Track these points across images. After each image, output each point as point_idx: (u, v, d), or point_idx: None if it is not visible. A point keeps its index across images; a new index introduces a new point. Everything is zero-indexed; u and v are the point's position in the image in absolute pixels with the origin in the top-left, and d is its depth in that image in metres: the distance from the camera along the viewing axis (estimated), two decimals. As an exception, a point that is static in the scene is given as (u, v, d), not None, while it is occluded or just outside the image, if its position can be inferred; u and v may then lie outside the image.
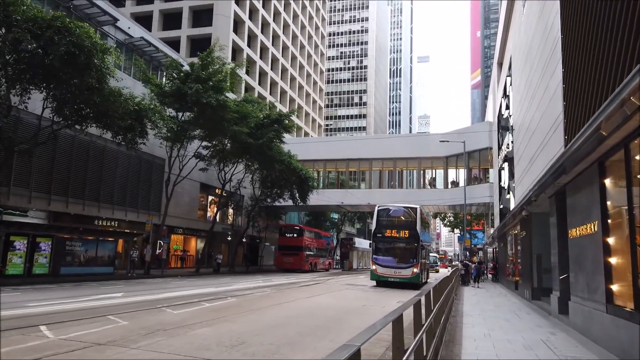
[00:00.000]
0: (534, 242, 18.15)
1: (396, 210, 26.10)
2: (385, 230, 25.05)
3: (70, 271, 23.07)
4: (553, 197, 13.24)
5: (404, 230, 24.84)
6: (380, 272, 24.67)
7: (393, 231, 24.92)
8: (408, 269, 24.10)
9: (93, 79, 18.59)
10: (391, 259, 24.67)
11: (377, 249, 25.25)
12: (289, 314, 12.17)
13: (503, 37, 27.29)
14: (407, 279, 24.05)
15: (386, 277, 24.47)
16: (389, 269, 24.35)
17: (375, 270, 24.90)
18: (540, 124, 13.99)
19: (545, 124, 13.24)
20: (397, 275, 24.19)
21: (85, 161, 27.11)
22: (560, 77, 10.84)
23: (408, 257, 24.43)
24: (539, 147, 14.35)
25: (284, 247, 42.25)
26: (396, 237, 24.90)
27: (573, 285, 11.13)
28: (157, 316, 10.64)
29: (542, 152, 13.96)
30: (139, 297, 14.48)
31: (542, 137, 13.70)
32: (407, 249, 24.67)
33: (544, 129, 13.28)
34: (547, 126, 12.73)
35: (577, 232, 10.50)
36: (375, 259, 25.07)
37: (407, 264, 24.19)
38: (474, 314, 13.48)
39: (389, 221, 25.49)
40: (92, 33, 18.40)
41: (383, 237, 25.08)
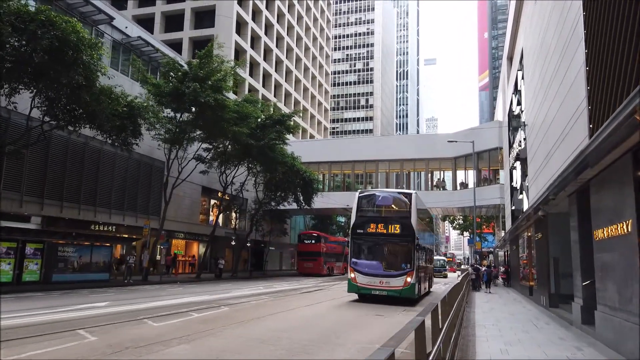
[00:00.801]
0: (551, 245, 16.90)
1: (384, 197, 19.47)
2: (368, 224, 18.51)
3: (62, 278, 22.14)
4: (574, 195, 12.03)
5: (395, 224, 18.26)
6: (362, 283, 17.95)
7: (379, 226, 18.28)
8: (399, 277, 17.48)
9: (81, 76, 17.66)
10: (376, 264, 18.07)
11: (356, 250, 18.69)
12: (282, 326, 11.05)
13: (513, 30, 26.07)
14: (397, 292, 17.36)
15: (369, 288, 17.80)
16: (373, 278, 17.73)
17: (354, 279, 18.13)
18: (558, 116, 12.79)
19: (564, 114, 12.04)
20: (385, 287, 17.48)
21: (81, 164, 26.20)
22: (582, 59, 9.67)
23: (399, 262, 18.05)
24: (557, 141, 13.14)
25: (303, 253, 43.64)
26: (383, 233, 18.21)
27: (600, 293, 9.92)
28: (134, 330, 9.57)
29: (561, 147, 12.75)
30: (124, 307, 13.44)
31: (560, 129, 12.50)
32: (398, 251, 18.52)
33: (563, 121, 12.09)
34: (567, 117, 11.53)
35: (605, 233, 9.30)
36: (354, 264, 18.37)
37: (398, 271, 17.67)
38: (488, 324, 12.27)
39: (374, 212, 19.16)
40: (79, 27, 17.50)
41: (365, 234, 18.47)
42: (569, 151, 11.52)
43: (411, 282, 17.34)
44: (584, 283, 11.47)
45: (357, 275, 18.08)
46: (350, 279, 18.33)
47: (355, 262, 18.40)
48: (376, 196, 19.65)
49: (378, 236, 18.40)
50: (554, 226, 16.56)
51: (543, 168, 16.28)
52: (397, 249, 18.58)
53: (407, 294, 17.33)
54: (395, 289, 17.39)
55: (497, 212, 44.10)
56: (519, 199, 24.76)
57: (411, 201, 18.57)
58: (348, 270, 18.69)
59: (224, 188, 34.47)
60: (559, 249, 16.32)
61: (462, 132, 43.08)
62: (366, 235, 18.51)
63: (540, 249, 18.63)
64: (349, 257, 18.85)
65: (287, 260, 58.48)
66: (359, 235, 18.61)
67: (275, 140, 32.76)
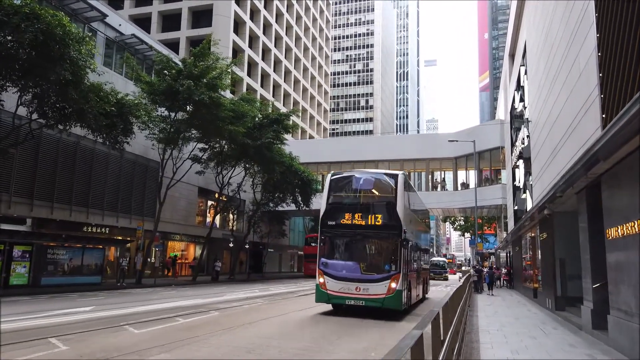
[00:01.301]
0: (557, 245, 16.19)
1: (363, 179, 15.21)
2: (342, 214, 14.44)
3: (52, 281, 21.46)
4: (583, 191, 11.34)
5: (376, 213, 14.27)
6: (333, 290, 13.85)
7: (356, 216, 14.26)
8: (381, 283, 13.53)
9: (67, 72, 17.01)
10: (352, 266, 14.03)
11: (327, 247, 14.65)
12: (273, 332, 10.36)
13: (515, 26, 25.42)
14: (378, 302, 13.41)
15: (342, 297, 13.72)
16: (348, 284, 13.75)
17: (323, 285, 14.05)
18: (566, 108, 12.12)
19: (572, 106, 11.37)
20: (362, 295, 13.52)
21: (72, 164, 25.54)
22: (593, 44, 9.00)
23: (382, 262, 14.21)
24: (564, 135, 12.47)
25: (309, 256, 42.74)
26: (361, 225, 14.19)
27: (613, 296, 9.23)
28: (112, 338, 8.89)
29: (568, 141, 12.08)
30: (109, 312, 12.76)
31: (568, 122, 11.82)
32: (380, 248, 14.72)
33: (571, 113, 11.41)
34: (576, 108, 10.86)
35: (619, 232, 8.62)
36: (324, 266, 14.26)
37: (380, 275, 13.70)
38: (492, 329, 11.57)
39: (349, 199, 15.04)
40: (65, 21, 16.86)
41: (338, 227, 14.46)
42: (577, 145, 10.85)
43: (396, 289, 13.33)
44: (595, 285, 10.78)
45: (327, 279, 13.95)
46: (318, 285, 14.14)
47: (325, 262, 14.22)
48: (353, 178, 15.33)
49: (355, 229, 14.23)
50: (560, 226, 15.87)
51: (548, 165, 15.61)
52: (379, 245, 14.66)
53: (391, 304, 13.40)
54: (376, 297, 13.35)
55: (499, 212, 43.42)
56: (522, 198, 24.08)
57: (397, 184, 14.37)
58: (317, 274, 14.39)
59: (220, 189, 33.82)
60: (566, 249, 15.63)
61: (463, 132, 42.42)
62: (339, 228, 14.39)
63: (546, 250, 17.94)
64: (318, 256, 14.52)
65: (286, 262, 57.78)
66: (330, 228, 14.50)
67: (272, 140, 32.12)
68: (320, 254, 14.48)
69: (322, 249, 14.53)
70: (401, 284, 13.59)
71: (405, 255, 14.34)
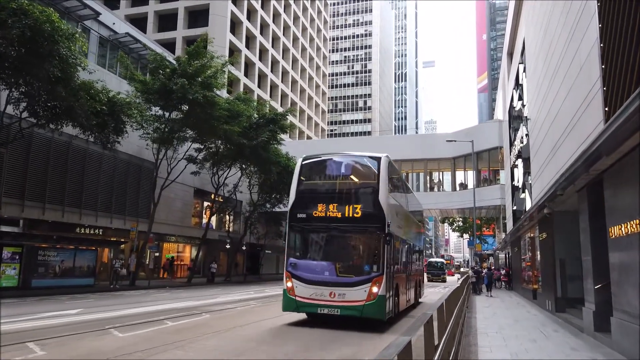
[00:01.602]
0: (557, 245, 15.85)
1: (339, 163, 13.29)
2: (314, 204, 12.20)
3: (43, 284, 21.05)
4: (584, 189, 11.00)
5: (355, 203, 11.99)
6: (302, 296, 11.64)
7: (331, 207, 12.01)
8: (360, 287, 11.31)
9: (56, 68, 16.64)
10: (326, 267, 11.80)
11: (296, 244, 12.57)
12: (264, 336, 10.00)
13: (513, 24, 25.13)
14: (356, 310, 11.19)
15: (314, 304, 11.48)
16: (320, 288, 11.48)
17: (291, 290, 11.87)
18: (566, 104, 11.79)
19: (573, 101, 11.03)
20: (337, 302, 11.30)
21: (65, 164, 25.13)
22: (595, 35, 8.66)
23: (361, 262, 11.99)
24: (564, 131, 12.14)
25: None
26: (337, 218, 11.92)
27: (616, 297, 8.88)
28: (94, 342, 8.52)
29: (569, 138, 11.74)
30: (95, 315, 12.38)
31: (568, 118, 11.49)
32: (359, 245, 12.50)
33: (572, 108, 11.08)
34: (577, 103, 10.53)
35: (622, 231, 8.28)
36: (292, 267, 12.09)
37: (359, 277, 11.50)
38: (491, 331, 11.21)
39: (323, 186, 13.05)
40: (54, 17, 16.51)
41: (310, 220, 12.24)
42: (578, 141, 10.52)
43: (378, 294, 11.13)
44: (597, 286, 10.44)
45: (296, 283, 11.71)
46: (285, 290, 11.87)
47: (294, 263, 12.02)
48: (328, 162, 13.39)
49: (329, 222, 11.96)
50: (559, 225, 15.53)
51: (548, 163, 15.28)
52: (359, 242, 12.42)
53: (372, 313, 11.14)
54: (354, 304, 11.12)
55: (497, 213, 43.09)
56: (520, 198, 23.76)
57: (380, 168, 12.17)
58: (284, 277, 12.20)
59: (216, 189, 33.44)
60: (566, 249, 15.29)
61: (461, 132, 42.10)
62: (311, 222, 12.15)
63: (545, 250, 17.60)
64: (285, 255, 12.39)
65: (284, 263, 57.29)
66: (299, 221, 12.28)
67: (268, 140, 31.75)
68: (289, 253, 12.27)
69: (291, 246, 12.34)
70: (385, 288, 11.35)
71: (391, 254, 12.17)
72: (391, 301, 12.25)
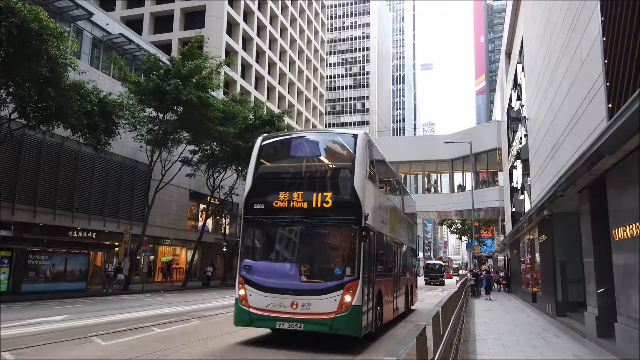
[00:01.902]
0: (557, 248, 15.49)
1: (306, 143, 11.03)
2: (274, 193, 10.05)
3: (33, 288, 20.62)
4: (586, 190, 10.63)
5: (324, 190, 9.81)
6: (257, 306, 9.42)
7: (295, 196, 9.85)
8: (329, 295, 9.14)
9: (44, 68, 16.26)
10: (288, 270, 9.63)
11: (252, 242, 10.37)
12: (252, 343, 9.60)
13: (512, 23, 24.84)
14: (324, 325, 9.03)
15: (271, 317, 9.27)
16: (280, 297, 9.30)
17: (244, 299, 9.59)
18: (567, 101, 11.44)
19: (574, 98, 10.69)
20: (300, 314, 9.13)
21: (57, 166, 24.73)
22: (597, 29, 8.32)
23: (331, 263, 9.89)
24: (565, 130, 11.79)
25: None
26: (302, 209, 9.72)
27: (620, 301, 8.52)
28: (73, 351, 8.12)
29: (570, 137, 11.40)
30: (81, 321, 11.97)
31: (569, 116, 11.14)
32: (329, 242, 10.17)
33: (573, 106, 10.73)
34: (578, 100, 10.18)
35: (627, 233, 7.92)
36: (247, 271, 9.81)
37: (329, 283, 9.27)
38: (490, 337, 10.83)
39: (286, 171, 10.76)
40: (42, 16, 16.12)
41: (269, 212, 10.01)
42: (580, 140, 10.18)
43: (352, 305, 8.91)
44: (599, 290, 10.07)
45: (250, 291, 9.44)
46: (237, 299, 9.60)
47: (249, 266, 9.74)
48: (293, 141, 11.30)
49: (292, 214, 9.66)
50: (559, 227, 15.17)
51: (548, 163, 14.94)
52: (329, 238, 10.03)
53: (345, 328, 8.91)
54: (321, 317, 8.90)
55: (496, 215, 42.74)
56: (519, 199, 23.42)
57: (356, 148, 10.03)
58: (236, 282, 9.83)
59: (211, 192, 33.04)
60: (566, 251, 14.95)
61: (459, 133, 41.75)
62: (270, 214, 9.88)
63: (545, 253, 17.23)
64: (239, 255, 10.14)
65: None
66: (257, 213, 9.98)
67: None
68: (243, 253, 10.01)
69: (245, 245, 10.11)
70: (361, 296, 9.11)
71: (370, 253, 10.00)
72: (371, 313, 10.03)
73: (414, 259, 20.30)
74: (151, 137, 26.04)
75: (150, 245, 32.16)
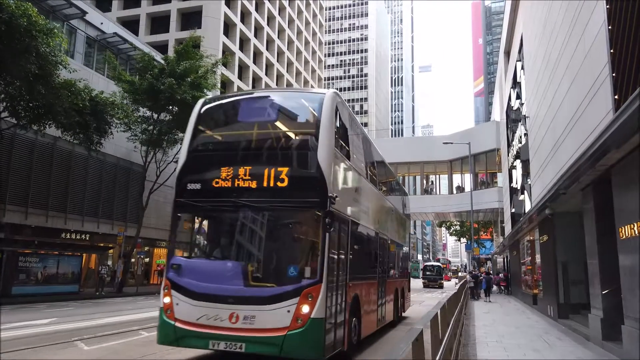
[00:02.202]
0: (558, 248, 15.15)
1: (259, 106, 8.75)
2: (214, 170, 7.67)
3: (24, 291, 20.21)
4: (589, 187, 10.29)
5: (277, 165, 7.42)
6: (186, 319, 7.04)
7: (241, 172, 7.40)
8: (280, 304, 6.76)
9: (33, 65, 15.89)
10: (229, 270, 7.28)
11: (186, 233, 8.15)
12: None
13: (510, 21, 24.55)
14: (272, 345, 6.64)
15: (204, 334, 6.86)
16: (216, 307, 6.89)
17: (170, 309, 7.24)
18: (569, 96, 11.10)
19: (576, 93, 10.35)
20: (241, 330, 6.73)
21: (49, 166, 24.30)
22: (602, 18, 7.98)
23: (285, 262, 7.37)
24: (567, 126, 11.45)
25: None
26: (249, 190, 7.35)
27: (628, 303, 8.16)
28: (55, 356, 7.73)
29: (572, 133, 11.05)
30: (67, 325, 11.55)
31: (572, 112, 10.80)
32: (284, 234, 7.77)
33: (576, 100, 10.39)
34: (581, 94, 9.83)
35: (635, 231, 7.57)
36: (176, 271, 7.47)
37: (279, 289, 6.91)
38: (491, 340, 10.45)
39: (231, 141, 8.60)
40: (32, 12, 15.77)
41: (206, 194, 7.67)
42: (583, 136, 9.82)
43: (312, 317, 6.71)
44: (605, 291, 9.70)
45: (178, 298, 7.24)
46: (161, 310, 7.36)
47: (178, 265, 7.56)
48: (241, 103, 9.03)
49: (237, 196, 7.40)
50: (561, 227, 14.83)
51: (549, 162, 14.59)
52: (284, 229, 7.78)
53: (300, 350, 6.70)
54: (269, 335, 6.73)
55: (495, 216, 42.42)
56: (519, 200, 23.08)
57: (322, 111, 7.77)
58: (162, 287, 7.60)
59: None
60: (568, 252, 14.61)
61: (457, 134, 41.45)
62: (208, 196, 7.68)
63: (546, 253, 16.87)
64: (167, 251, 8.68)
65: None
66: (191, 196, 7.76)
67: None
68: (172, 249, 8.00)
69: (175, 238, 7.85)
70: (324, 305, 6.82)
71: (341, 248, 7.89)
72: (342, 327, 7.65)
73: (406, 258, 17.78)
74: (146, 137, 25.65)
75: (145, 248, 31.73)
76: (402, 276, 16.01)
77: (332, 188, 7.25)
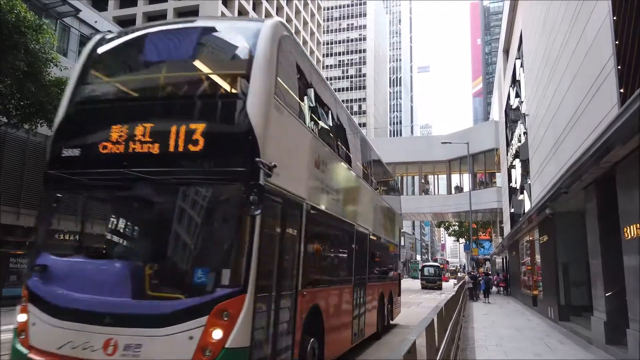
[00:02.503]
0: (559, 249, 14.83)
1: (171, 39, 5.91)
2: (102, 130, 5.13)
3: (16, 292, 19.73)
4: (592, 186, 9.97)
5: (190, 121, 4.93)
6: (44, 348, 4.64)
7: (138, 132, 4.97)
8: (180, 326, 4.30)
9: (22, 62, 15.53)
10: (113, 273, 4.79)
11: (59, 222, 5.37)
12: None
13: (509, 19, 24.27)
14: None
15: None
16: (84, 330, 4.46)
17: (25, 331, 4.81)
18: (571, 92, 10.79)
19: (578, 87, 10.04)
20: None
21: (42, 166, 23.91)
22: (607, 9, 7.67)
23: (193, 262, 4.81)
24: (568, 123, 11.14)
25: None
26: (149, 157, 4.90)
27: (633, 305, 7.84)
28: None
29: (574, 129, 10.74)
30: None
31: (573, 108, 10.49)
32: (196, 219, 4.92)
33: (578, 96, 10.08)
34: (584, 89, 9.52)
35: (641, 230, 7.25)
36: (39, 274, 4.92)
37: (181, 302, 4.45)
38: (490, 344, 10.13)
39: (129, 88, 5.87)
40: (21, 8, 15.41)
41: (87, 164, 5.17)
42: (586, 132, 9.51)
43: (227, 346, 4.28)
44: (608, 293, 9.38)
45: (37, 316, 4.82)
46: (15, 333, 5.02)
47: (43, 267, 4.97)
48: (147, 38, 6.14)
49: (130, 166, 4.91)
50: (562, 227, 14.51)
51: (549, 161, 14.29)
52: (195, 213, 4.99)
53: None
54: None
55: (494, 216, 42.13)
56: (518, 200, 22.79)
57: (257, 46, 5.26)
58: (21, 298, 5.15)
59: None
60: (569, 252, 14.30)
61: (456, 134, 41.19)
62: (90, 168, 5.19)
63: (546, 254, 16.56)
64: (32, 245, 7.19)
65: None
66: (66, 167, 5.25)
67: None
68: (38, 242, 5.62)
69: (43, 227, 5.57)
70: (248, 329, 4.52)
71: (283, 239, 5.58)
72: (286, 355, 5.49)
73: (395, 257, 15.27)
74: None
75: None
76: (389, 278, 13.63)
77: (269, 153, 4.88)
